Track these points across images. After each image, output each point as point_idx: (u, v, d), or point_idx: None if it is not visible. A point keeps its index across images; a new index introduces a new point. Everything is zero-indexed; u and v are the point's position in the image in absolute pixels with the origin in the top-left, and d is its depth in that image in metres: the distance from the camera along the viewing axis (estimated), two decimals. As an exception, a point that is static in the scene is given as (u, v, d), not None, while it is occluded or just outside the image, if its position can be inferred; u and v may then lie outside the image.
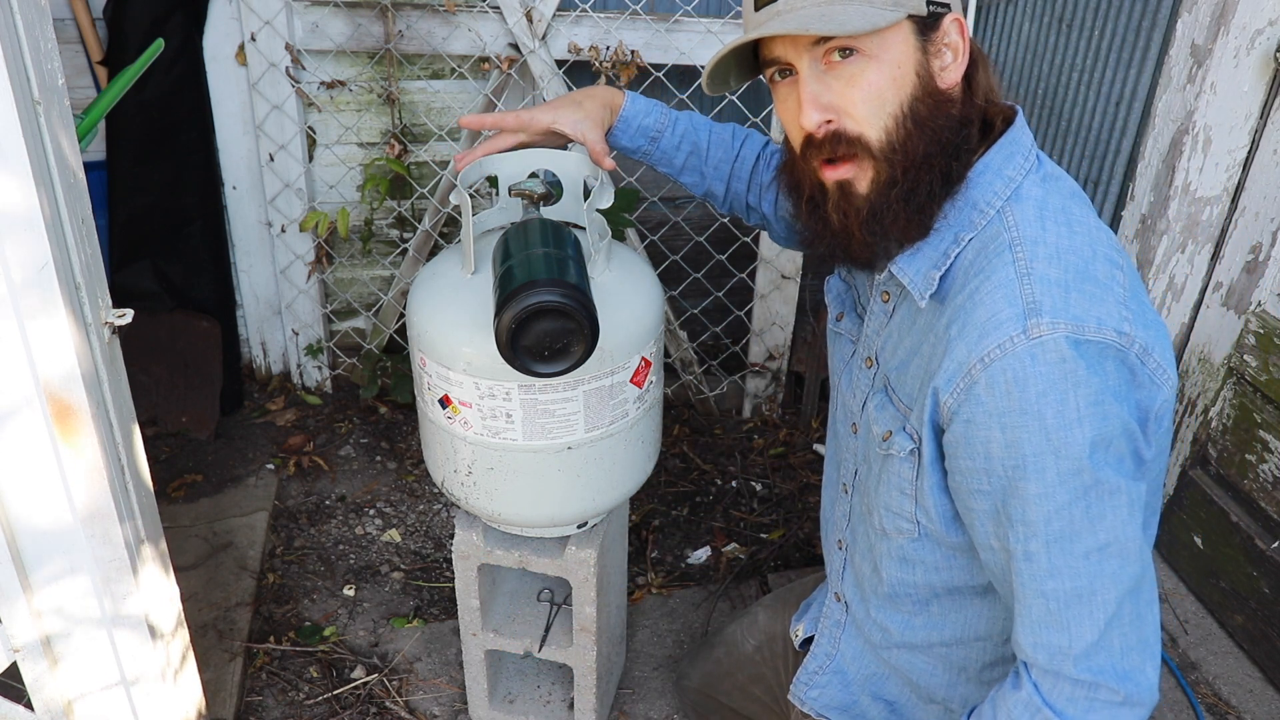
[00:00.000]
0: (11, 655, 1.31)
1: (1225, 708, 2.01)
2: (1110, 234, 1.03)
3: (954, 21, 0.99)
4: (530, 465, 1.41)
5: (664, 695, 2.01)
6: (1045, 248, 0.97)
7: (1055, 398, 0.90)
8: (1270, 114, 1.92)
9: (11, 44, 1.02)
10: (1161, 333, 0.97)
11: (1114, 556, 0.94)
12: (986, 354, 0.93)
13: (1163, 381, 0.95)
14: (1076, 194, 1.06)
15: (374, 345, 2.82)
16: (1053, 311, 0.92)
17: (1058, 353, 0.90)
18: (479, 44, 2.44)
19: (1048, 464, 0.92)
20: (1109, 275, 0.96)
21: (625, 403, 1.41)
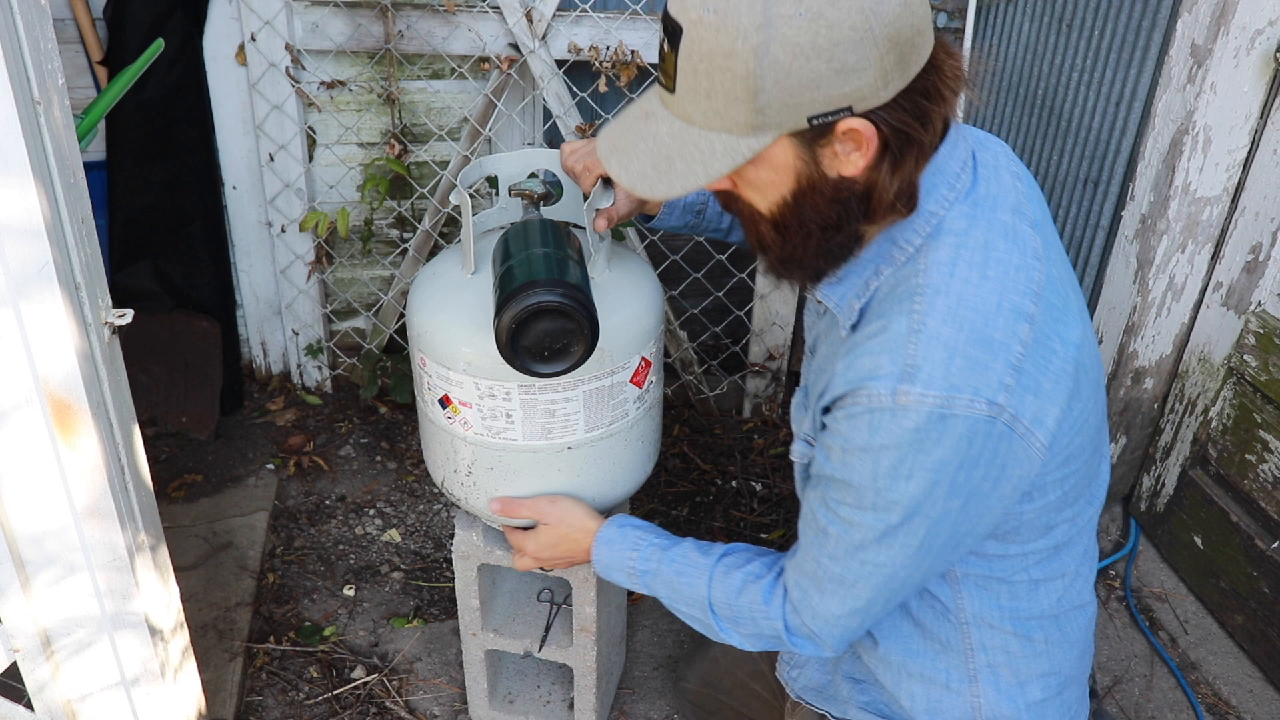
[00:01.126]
0: (11, 655, 1.31)
1: (1225, 708, 2.01)
2: (1033, 272, 1.01)
3: (850, 128, 0.93)
4: (530, 465, 1.41)
5: (664, 695, 2.01)
6: (946, 300, 0.97)
7: (894, 455, 0.97)
8: (1270, 114, 1.92)
9: (11, 44, 1.02)
10: (1048, 399, 0.99)
11: (887, 573, 1.06)
12: (856, 395, 0.98)
13: (1029, 445, 0.99)
14: (1014, 211, 1.04)
15: (374, 345, 2.82)
16: (926, 381, 0.95)
17: (914, 422, 0.95)
18: (479, 44, 2.44)
19: (865, 495, 1.01)
20: (1008, 334, 0.97)
21: (625, 403, 1.41)
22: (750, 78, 0.89)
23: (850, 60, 0.88)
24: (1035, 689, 1.20)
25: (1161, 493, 2.31)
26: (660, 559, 1.30)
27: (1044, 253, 1.04)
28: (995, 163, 1.09)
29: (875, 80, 0.90)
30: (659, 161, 0.97)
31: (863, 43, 0.88)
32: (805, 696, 1.37)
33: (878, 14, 0.88)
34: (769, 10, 0.86)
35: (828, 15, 0.86)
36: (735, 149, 0.94)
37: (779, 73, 0.88)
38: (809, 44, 0.87)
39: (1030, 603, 1.16)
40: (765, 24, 0.87)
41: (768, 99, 0.90)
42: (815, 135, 0.93)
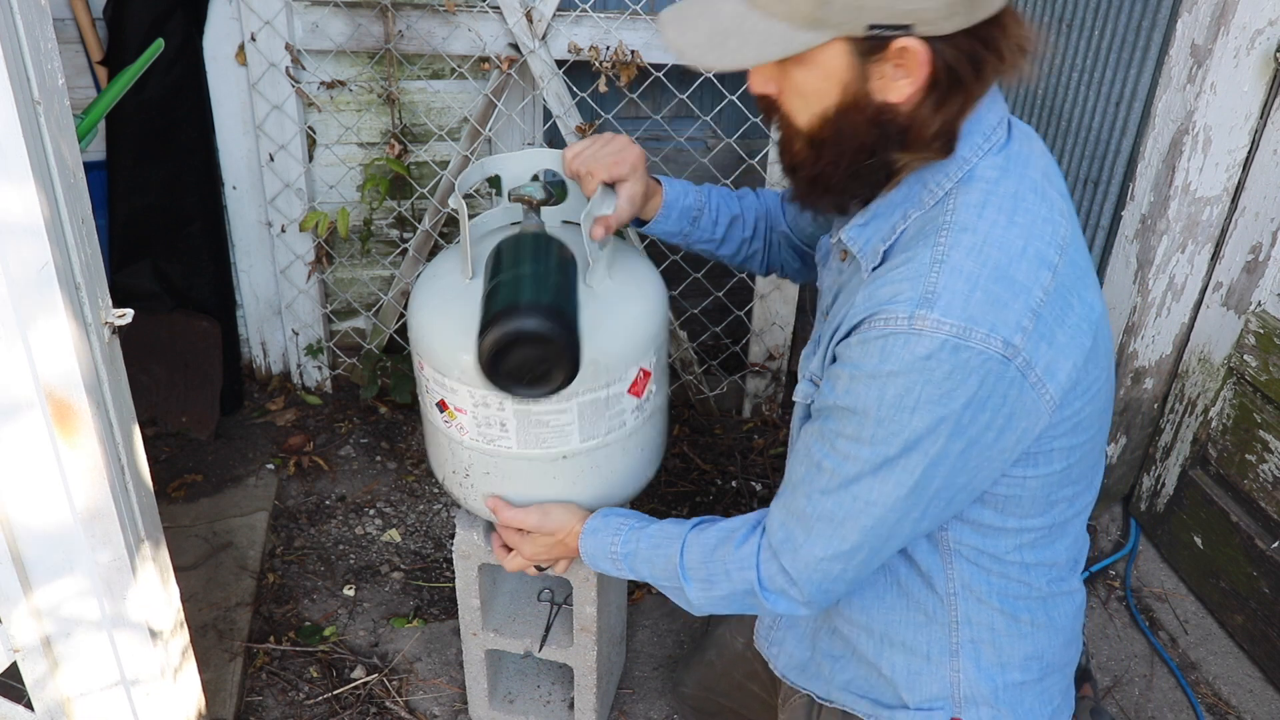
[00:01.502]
0: (11, 655, 1.31)
1: (1225, 708, 2.01)
2: (1060, 228, 1.02)
3: (905, 47, 0.94)
4: (526, 472, 1.41)
5: (664, 695, 2.01)
6: (972, 237, 0.98)
7: (903, 382, 0.96)
8: (1270, 114, 1.92)
9: (11, 44, 1.02)
10: (1062, 351, 0.99)
11: (877, 514, 1.04)
12: (872, 320, 0.98)
13: (1040, 396, 0.99)
14: (1045, 175, 1.06)
15: (374, 345, 2.83)
16: (945, 309, 0.95)
17: (928, 349, 0.95)
18: (479, 44, 2.44)
19: (867, 426, 1.00)
20: (1031, 277, 0.97)
21: (623, 413, 1.41)
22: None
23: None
24: (1016, 671, 1.20)
25: (1161, 493, 2.31)
26: (638, 538, 1.30)
27: (1070, 216, 1.05)
28: (1028, 133, 1.10)
29: (942, 6, 0.91)
30: (714, 36, 0.98)
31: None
32: (788, 675, 1.35)
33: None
34: None
35: None
36: (790, 39, 0.95)
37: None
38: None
39: (1020, 583, 1.16)
40: None
41: (830, 9, 0.91)
42: (870, 48, 0.94)
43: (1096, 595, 2.28)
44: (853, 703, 1.28)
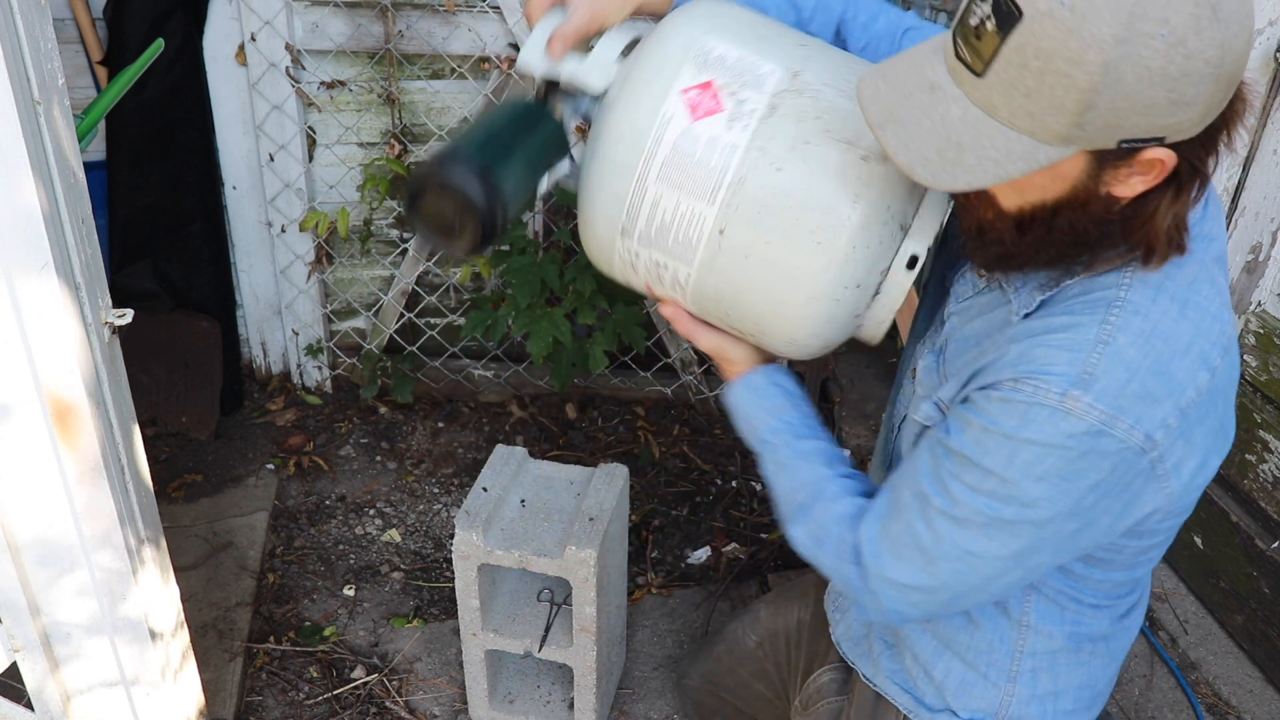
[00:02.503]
0: (11, 655, 1.31)
1: (1225, 708, 2.01)
2: (1227, 326, 0.98)
3: (1154, 157, 0.86)
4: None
5: (664, 695, 2.01)
6: (1142, 322, 0.94)
7: (1037, 452, 0.94)
8: (1270, 114, 1.92)
9: (11, 44, 1.02)
10: (1194, 450, 0.97)
11: (973, 564, 1.01)
12: (1021, 383, 0.94)
13: (1160, 488, 0.97)
14: (1219, 258, 1.02)
15: (374, 345, 2.83)
16: (1099, 394, 0.92)
17: (1072, 429, 0.92)
18: (479, 44, 2.44)
19: (991, 482, 0.97)
20: (1189, 376, 0.94)
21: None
22: (1088, 92, 0.81)
23: (1189, 94, 0.81)
24: (1068, 700, 1.20)
25: (1161, 493, 2.32)
26: (788, 443, 1.19)
27: (1232, 307, 1.02)
28: (1216, 199, 1.04)
29: (1200, 115, 0.84)
30: (947, 148, 0.88)
31: (1208, 78, 0.81)
32: (842, 644, 1.35)
33: (1232, 48, 0.81)
34: (1133, 25, 0.78)
35: (1189, 43, 0.79)
36: (1033, 155, 0.87)
37: (1118, 93, 0.81)
38: (1160, 70, 0.79)
39: (1092, 620, 1.16)
40: (1125, 39, 0.78)
41: (1094, 116, 0.82)
42: (1116, 156, 0.87)
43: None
44: (894, 693, 1.27)
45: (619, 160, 1.11)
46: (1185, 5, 0.78)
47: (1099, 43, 0.79)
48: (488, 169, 1.09)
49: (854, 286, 1.07)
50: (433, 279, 2.82)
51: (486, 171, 1.09)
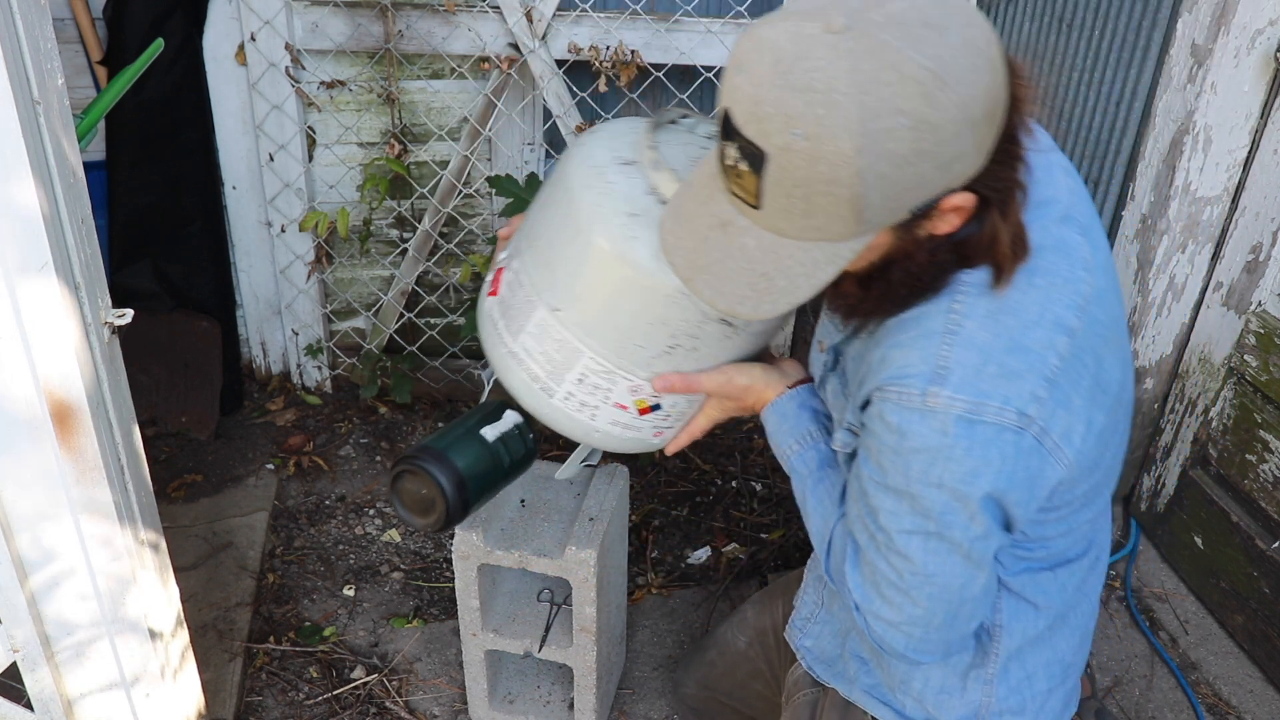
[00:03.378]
0: (11, 655, 1.31)
1: (1225, 708, 2.01)
2: (1081, 285, 0.98)
3: (951, 205, 0.89)
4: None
5: (664, 695, 2.01)
6: (988, 302, 0.95)
7: (925, 459, 0.96)
8: (1270, 114, 1.92)
9: (11, 44, 1.02)
10: (1078, 415, 0.97)
11: (941, 582, 1.02)
12: (885, 391, 0.97)
13: (1058, 461, 0.98)
14: (1064, 216, 1.01)
15: (374, 345, 2.82)
16: (957, 385, 0.93)
17: (942, 426, 0.94)
18: (479, 44, 2.44)
19: (902, 501, 0.99)
20: (1046, 344, 0.95)
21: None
22: (856, 199, 0.83)
23: (952, 152, 0.84)
24: (1041, 681, 1.21)
25: (1162, 493, 2.31)
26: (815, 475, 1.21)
27: (1095, 263, 1.01)
28: (1048, 161, 1.04)
29: (974, 156, 0.86)
30: (756, 280, 0.91)
31: (963, 131, 0.83)
32: (815, 669, 1.34)
33: (975, 95, 0.82)
34: (868, 127, 0.80)
35: (930, 117, 0.81)
36: (837, 255, 0.90)
37: (884, 186, 0.83)
38: (913, 152, 0.82)
39: (1056, 591, 1.16)
40: (866, 146, 0.80)
41: (873, 210, 0.85)
42: (917, 218, 0.90)
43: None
44: (874, 707, 1.28)
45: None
46: (911, 88, 0.80)
47: (844, 158, 0.81)
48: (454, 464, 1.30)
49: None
50: (433, 279, 2.82)
51: (454, 466, 1.30)
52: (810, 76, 0.80)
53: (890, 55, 0.80)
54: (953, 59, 0.81)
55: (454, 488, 1.30)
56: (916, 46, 0.80)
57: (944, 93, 0.80)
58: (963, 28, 0.83)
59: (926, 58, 0.80)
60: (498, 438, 1.37)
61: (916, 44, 0.80)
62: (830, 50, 0.80)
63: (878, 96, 0.80)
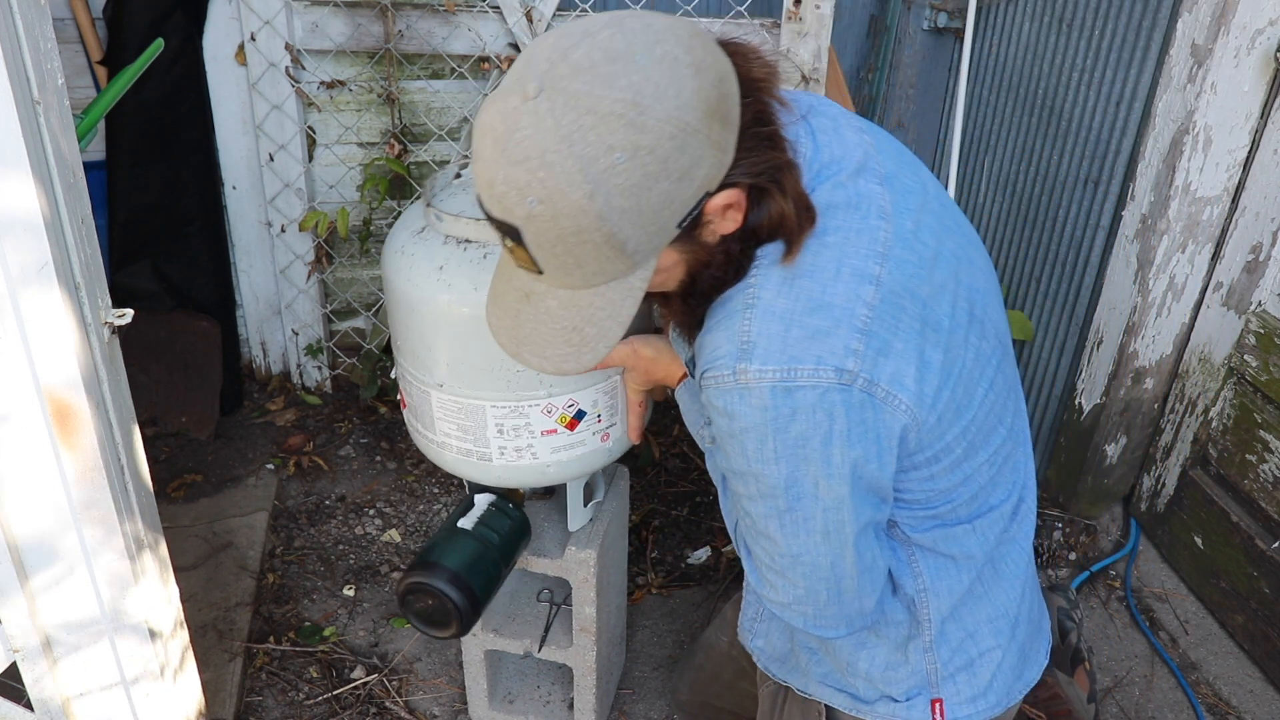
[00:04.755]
0: (11, 655, 1.31)
1: (1225, 708, 2.01)
2: (878, 233, 0.98)
3: (719, 205, 0.92)
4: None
5: (664, 695, 2.01)
6: (781, 270, 0.96)
7: (755, 437, 0.97)
8: (1270, 114, 1.92)
9: (11, 44, 1.02)
10: (901, 359, 0.96)
11: (810, 560, 1.04)
12: (705, 379, 0.99)
13: (894, 408, 0.97)
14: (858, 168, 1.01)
15: (374, 345, 2.82)
16: (763, 357, 0.94)
17: (761, 400, 0.94)
18: (479, 44, 2.44)
19: (750, 482, 1.01)
20: (851, 297, 0.95)
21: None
22: (611, 238, 0.87)
23: (685, 162, 0.86)
24: (987, 638, 1.19)
25: (1162, 493, 2.31)
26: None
27: (894, 209, 1.01)
28: (834, 125, 1.06)
29: (715, 156, 0.89)
30: (569, 336, 0.96)
31: (687, 140, 0.85)
32: (771, 668, 1.35)
33: (684, 103, 0.84)
34: (589, 173, 0.84)
35: (644, 142, 0.84)
36: (630, 288, 0.93)
37: (632, 216, 0.87)
38: (642, 178, 0.85)
39: (976, 545, 1.14)
40: (595, 189, 0.84)
41: (635, 242, 0.89)
42: (689, 229, 0.92)
43: (1097, 595, 2.28)
44: (830, 696, 1.27)
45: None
46: (613, 123, 0.83)
47: (580, 208, 0.85)
48: (447, 566, 1.38)
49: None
50: (433, 279, 2.82)
51: (446, 568, 1.38)
52: (524, 147, 0.84)
53: (584, 101, 0.83)
54: (646, 81, 0.83)
55: (452, 587, 1.37)
56: (606, 84, 0.83)
57: (646, 115, 0.83)
58: (651, 46, 0.85)
59: (619, 90, 0.83)
60: (476, 522, 1.47)
61: (605, 82, 0.83)
62: (532, 116, 0.84)
63: (585, 142, 0.83)
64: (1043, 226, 2.46)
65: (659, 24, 0.88)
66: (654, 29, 0.87)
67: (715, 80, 0.88)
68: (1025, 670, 1.26)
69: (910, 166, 1.10)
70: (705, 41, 0.89)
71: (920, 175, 1.10)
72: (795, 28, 2.34)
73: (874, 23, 2.91)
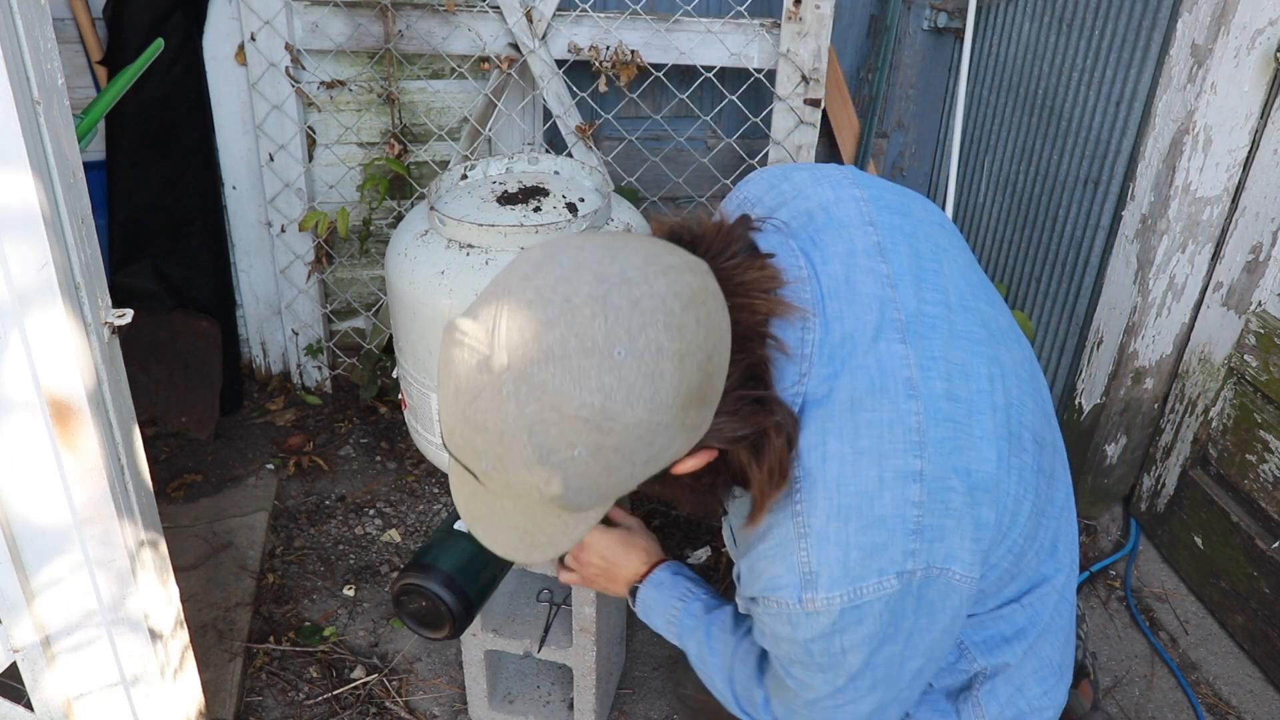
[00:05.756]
0: (11, 655, 1.31)
1: (1225, 708, 2.01)
2: (908, 418, 0.94)
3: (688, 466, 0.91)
4: None
5: (664, 695, 2.01)
6: (825, 489, 0.93)
7: (823, 643, 0.97)
8: (1270, 114, 1.92)
9: (11, 44, 1.02)
10: (955, 533, 0.95)
11: (848, 714, 1.05)
12: (760, 600, 0.98)
13: (950, 579, 0.97)
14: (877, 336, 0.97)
15: (374, 345, 2.82)
16: (829, 585, 0.93)
17: (830, 619, 0.95)
18: (479, 44, 2.44)
19: (811, 665, 1.00)
20: (899, 503, 0.93)
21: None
22: (561, 501, 0.87)
23: (652, 452, 0.84)
24: (1033, 688, 1.20)
25: (1162, 493, 2.31)
26: (702, 618, 1.28)
27: (920, 372, 0.96)
28: (845, 272, 0.99)
29: (687, 437, 0.87)
30: (521, 535, 0.95)
31: (656, 434, 0.82)
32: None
33: (657, 405, 0.81)
34: (548, 461, 0.82)
35: (607, 443, 0.81)
36: (585, 518, 0.94)
37: (587, 491, 0.86)
38: (602, 469, 0.84)
39: (1032, 621, 1.16)
40: (552, 473, 0.83)
41: (589, 501, 0.89)
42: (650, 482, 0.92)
43: (1097, 595, 2.28)
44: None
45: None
46: (577, 425, 0.80)
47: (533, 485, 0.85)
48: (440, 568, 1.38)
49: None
50: (433, 279, 2.82)
51: (439, 570, 1.38)
52: (483, 417, 0.82)
53: (549, 397, 0.79)
54: (619, 383, 0.79)
55: (445, 589, 1.38)
56: (576, 381, 0.78)
57: (615, 421, 0.80)
58: (635, 336, 0.79)
59: (588, 392, 0.79)
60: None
61: (575, 379, 0.78)
62: (495, 393, 0.80)
63: (545, 435, 0.80)
64: (1043, 226, 2.46)
65: (649, 301, 0.81)
66: (641, 308, 0.80)
67: (700, 363, 0.83)
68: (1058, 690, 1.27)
69: (926, 229, 1.05)
70: (700, 312, 0.83)
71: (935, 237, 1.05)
72: (795, 28, 2.34)
73: (874, 23, 2.91)
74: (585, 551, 1.44)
